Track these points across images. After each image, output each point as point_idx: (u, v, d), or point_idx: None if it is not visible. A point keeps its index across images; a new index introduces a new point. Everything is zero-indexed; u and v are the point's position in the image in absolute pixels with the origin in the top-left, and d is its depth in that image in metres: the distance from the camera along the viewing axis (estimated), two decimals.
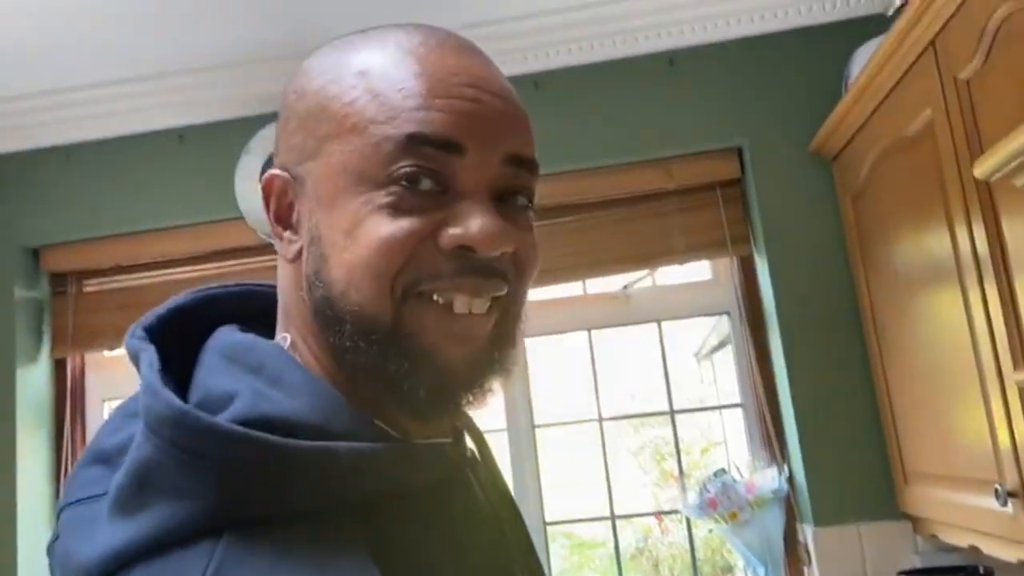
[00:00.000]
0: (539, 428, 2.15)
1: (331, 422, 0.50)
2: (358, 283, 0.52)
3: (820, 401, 1.82)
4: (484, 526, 0.62)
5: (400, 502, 0.52)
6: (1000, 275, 1.19)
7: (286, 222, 0.57)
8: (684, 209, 2.06)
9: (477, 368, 0.55)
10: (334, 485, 0.48)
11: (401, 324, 0.52)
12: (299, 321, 0.57)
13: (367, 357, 0.53)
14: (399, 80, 0.53)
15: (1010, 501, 1.20)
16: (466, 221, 0.52)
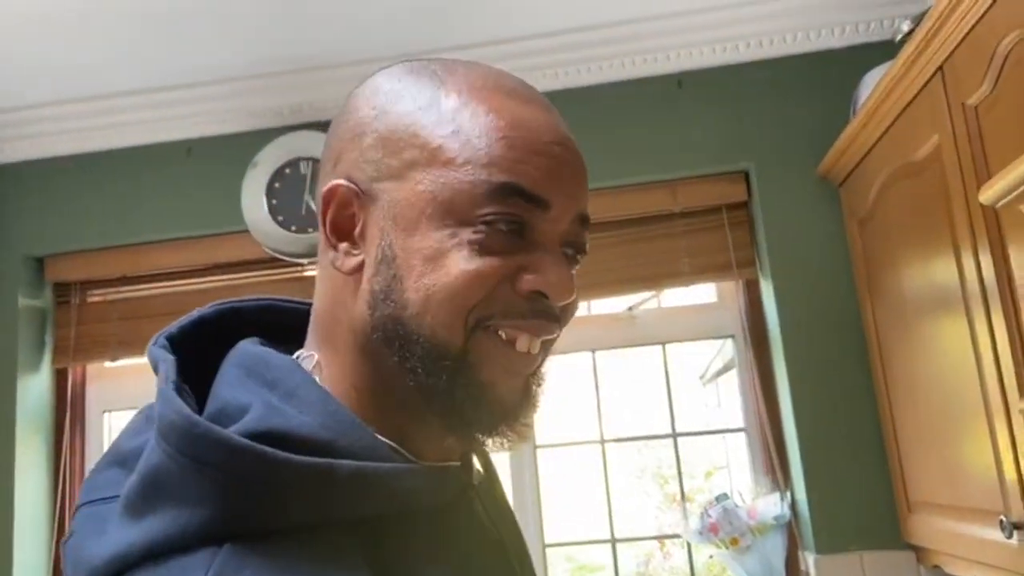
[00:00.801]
0: (541, 448, 2.14)
1: (340, 440, 0.51)
2: (436, 309, 0.54)
3: (824, 427, 1.81)
4: (487, 549, 0.62)
5: (405, 522, 0.53)
6: (1007, 304, 1.18)
7: (345, 234, 0.59)
8: (690, 231, 2.05)
9: (524, 402, 0.59)
10: (335, 502, 0.49)
11: (467, 353, 0.55)
12: (339, 335, 0.59)
13: (433, 380, 0.55)
14: (499, 128, 0.56)
15: (1015, 533, 1.18)
16: (544, 270, 0.56)
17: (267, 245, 2.05)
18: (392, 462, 0.53)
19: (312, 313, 0.62)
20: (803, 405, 1.83)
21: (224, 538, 0.46)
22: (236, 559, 0.45)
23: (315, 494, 0.48)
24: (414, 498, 0.54)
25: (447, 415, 0.57)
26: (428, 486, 0.55)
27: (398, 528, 0.52)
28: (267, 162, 2.08)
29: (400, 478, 0.53)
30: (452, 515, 0.59)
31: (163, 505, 0.48)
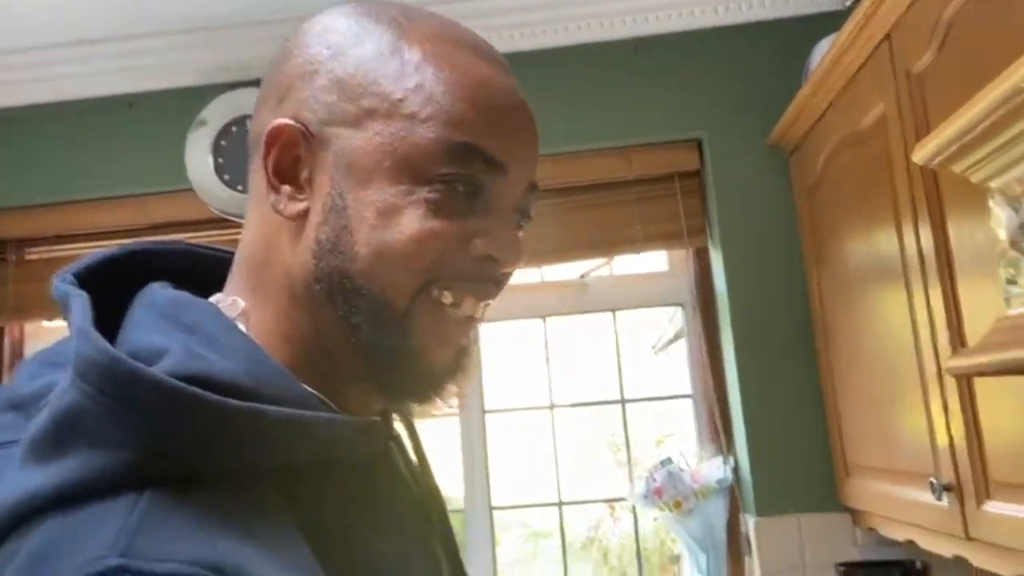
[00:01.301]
0: (490, 414, 2.14)
1: (266, 388, 0.50)
2: (387, 266, 0.53)
3: (767, 394, 1.83)
4: (407, 504, 0.62)
5: (327, 473, 0.52)
6: (943, 274, 1.20)
7: (288, 176, 0.56)
8: (643, 199, 2.05)
9: (456, 369, 0.58)
10: (264, 449, 0.48)
11: (409, 316, 0.54)
12: (272, 282, 0.57)
13: (377, 339, 0.54)
14: (463, 86, 0.54)
15: (945, 495, 1.21)
16: (498, 235, 0.56)
17: (213, 205, 2.00)
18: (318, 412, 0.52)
19: (239, 257, 0.59)
20: (747, 372, 1.85)
21: (146, 483, 0.44)
22: (160, 506, 0.44)
23: (244, 440, 0.47)
24: (342, 449, 0.53)
25: (382, 375, 0.56)
26: (356, 438, 0.55)
27: (321, 480, 0.51)
28: (213, 120, 2.02)
29: (330, 428, 0.52)
30: (374, 470, 0.58)
31: (77, 448, 0.45)
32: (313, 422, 0.50)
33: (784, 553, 1.75)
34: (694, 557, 1.88)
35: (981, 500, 1.13)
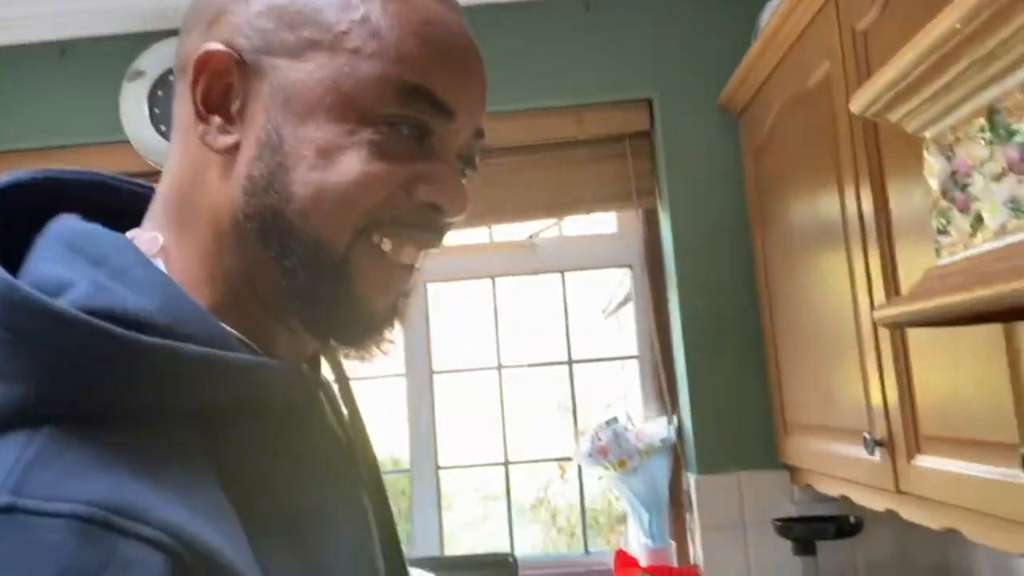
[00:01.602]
0: (438, 374, 2.13)
1: (181, 326, 0.47)
2: (325, 209, 0.51)
3: (711, 355, 1.85)
4: (333, 453, 0.60)
5: (249, 419, 0.50)
6: (882, 236, 1.21)
7: (218, 107, 0.53)
8: (593, 159, 2.04)
9: (392, 317, 0.56)
10: (178, 389, 0.46)
11: (347, 262, 0.52)
12: (197, 218, 0.54)
13: (311, 284, 0.52)
14: (412, 23, 0.52)
15: (877, 450, 1.24)
16: (442, 182, 0.54)
17: (150, 158, 1.93)
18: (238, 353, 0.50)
19: (160, 191, 0.56)
20: (692, 333, 1.87)
21: (45, 419, 0.42)
22: (57, 443, 0.41)
23: (157, 379, 0.45)
24: (264, 394, 0.51)
25: (315, 321, 0.54)
26: (278, 383, 0.52)
27: (242, 425, 0.49)
28: (151, 69, 1.95)
29: (249, 371, 0.49)
30: (300, 417, 0.56)
31: None
32: (233, 364, 0.48)
33: (724, 510, 1.78)
34: (637, 514, 1.91)
35: (911, 455, 1.16)
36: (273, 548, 0.46)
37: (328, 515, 0.54)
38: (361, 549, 0.56)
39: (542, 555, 2.74)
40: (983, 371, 0.94)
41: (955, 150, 0.64)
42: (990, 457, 0.94)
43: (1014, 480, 0.88)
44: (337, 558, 0.52)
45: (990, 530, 0.98)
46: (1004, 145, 0.57)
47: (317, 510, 0.53)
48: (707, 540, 1.79)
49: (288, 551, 0.47)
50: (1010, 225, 0.58)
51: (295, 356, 0.57)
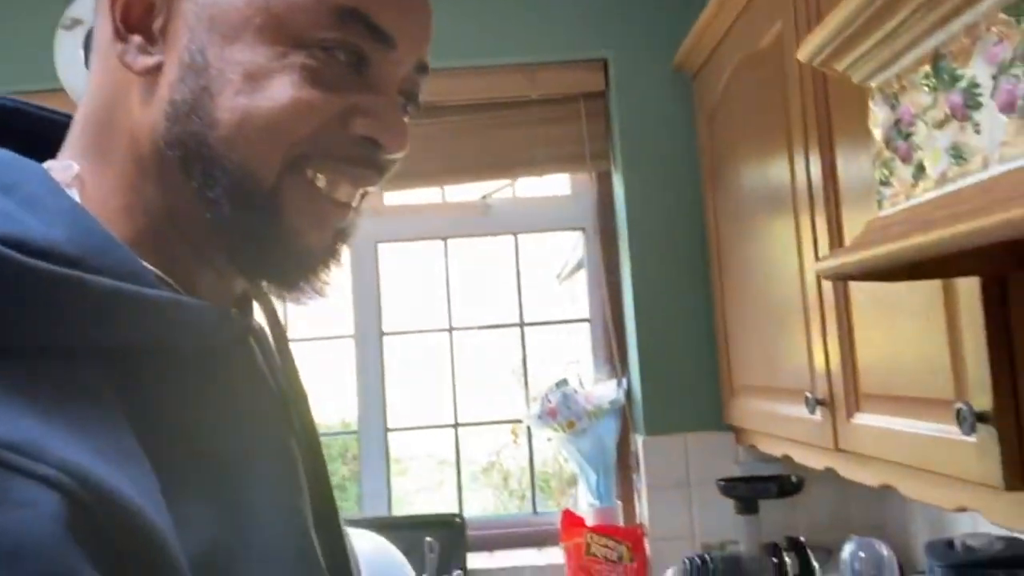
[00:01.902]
0: (388, 336, 2.11)
1: (93, 259, 0.44)
2: (253, 137, 0.48)
3: (661, 318, 1.86)
4: (263, 400, 0.57)
5: (166, 360, 0.47)
6: (829, 202, 1.22)
7: (139, 26, 0.49)
8: (547, 120, 2.02)
9: (327, 257, 0.54)
10: (84, 324, 0.43)
11: (278, 195, 0.49)
12: (115, 145, 0.50)
13: (237, 217, 0.49)
14: None
15: (819, 409, 1.26)
16: (381, 115, 0.51)
17: None
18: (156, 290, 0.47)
19: (78, 117, 0.52)
20: (643, 297, 1.87)
21: None
22: None
23: (61, 311, 0.42)
24: (180, 334, 0.48)
25: (243, 258, 0.51)
26: (199, 323, 0.49)
27: (158, 366, 0.46)
28: (86, 16, 1.86)
29: (165, 308, 0.46)
30: (225, 361, 0.53)
31: None
32: (147, 300, 0.45)
33: (670, 470, 1.80)
34: (585, 475, 1.92)
35: (851, 413, 1.17)
36: (189, 494, 0.44)
37: (252, 464, 0.51)
38: (286, 500, 0.54)
39: (490, 515, 2.76)
40: (922, 329, 0.95)
41: (899, 99, 0.64)
42: (926, 414, 0.95)
43: (948, 436, 0.89)
44: (259, 507, 0.49)
45: (924, 486, 1.00)
46: (948, 91, 0.57)
47: (239, 458, 0.50)
48: (653, 500, 1.81)
49: (205, 498, 0.45)
50: (951, 173, 0.57)
51: (221, 297, 0.55)
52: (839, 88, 1.17)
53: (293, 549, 0.50)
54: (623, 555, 1.79)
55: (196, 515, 0.43)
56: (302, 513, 0.54)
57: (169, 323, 0.47)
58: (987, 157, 0.54)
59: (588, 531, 1.82)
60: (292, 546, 0.50)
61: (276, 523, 0.50)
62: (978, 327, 0.83)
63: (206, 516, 0.44)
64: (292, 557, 0.50)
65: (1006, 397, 0.80)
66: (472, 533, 1.90)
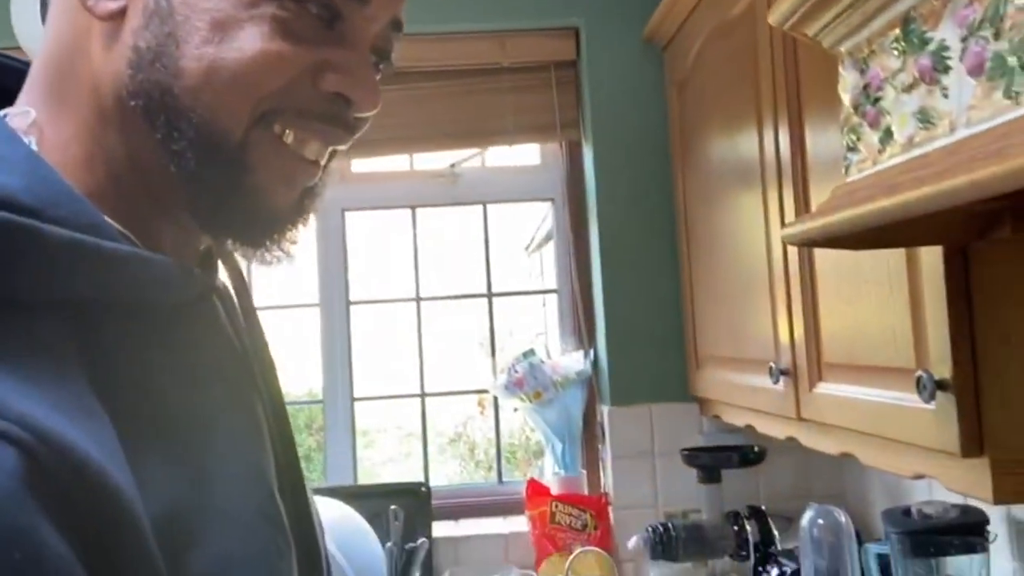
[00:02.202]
0: (354, 305, 2.09)
1: (50, 209, 0.42)
2: (220, 89, 0.47)
3: (629, 290, 1.86)
4: (227, 362, 0.56)
5: (127, 316, 0.46)
6: (797, 176, 1.22)
7: None
8: (517, 88, 1.99)
9: (295, 217, 0.53)
10: (40, 276, 0.41)
11: (245, 150, 0.48)
12: (75, 92, 0.48)
13: (203, 172, 0.48)
14: None
15: (782, 379, 1.27)
16: (353, 72, 0.50)
17: None
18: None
19: (37, 64, 0.50)
20: (611, 268, 1.87)
21: None
22: None
23: (14, 262, 0.40)
24: (141, 289, 0.47)
25: (207, 214, 0.50)
26: (161, 278, 0.48)
27: (119, 322, 0.45)
28: None
29: (125, 262, 0.45)
30: (187, 319, 0.52)
31: None
32: (106, 253, 0.44)
33: (635, 440, 1.82)
34: (550, 445, 1.93)
35: (814, 382, 1.19)
36: (150, 453, 0.43)
37: (215, 423, 0.50)
38: (251, 460, 0.52)
39: (456, 484, 2.77)
40: (885, 300, 0.96)
41: (869, 63, 0.63)
42: (887, 382, 0.97)
43: (908, 404, 0.90)
44: (223, 467, 0.48)
45: (883, 454, 1.02)
46: (917, 55, 0.56)
47: (203, 417, 0.49)
48: (617, 469, 1.82)
49: (168, 457, 0.44)
50: (918, 137, 0.57)
51: (184, 254, 0.53)
52: (809, 60, 1.16)
53: (257, 510, 0.49)
54: (587, 523, 1.81)
55: (158, 474, 0.42)
56: (267, 475, 0.53)
57: (129, 278, 0.46)
58: (954, 121, 0.53)
59: (553, 500, 1.84)
60: (256, 507, 0.49)
61: (240, 484, 0.49)
62: (940, 297, 0.84)
63: (168, 475, 0.43)
64: (256, 518, 0.49)
65: (965, 365, 0.81)
66: (437, 502, 1.90)
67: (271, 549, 0.48)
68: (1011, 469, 0.81)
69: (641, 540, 1.63)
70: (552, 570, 1.71)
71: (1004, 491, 0.81)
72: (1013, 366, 0.80)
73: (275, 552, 0.49)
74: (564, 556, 1.75)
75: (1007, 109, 0.48)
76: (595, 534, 1.81)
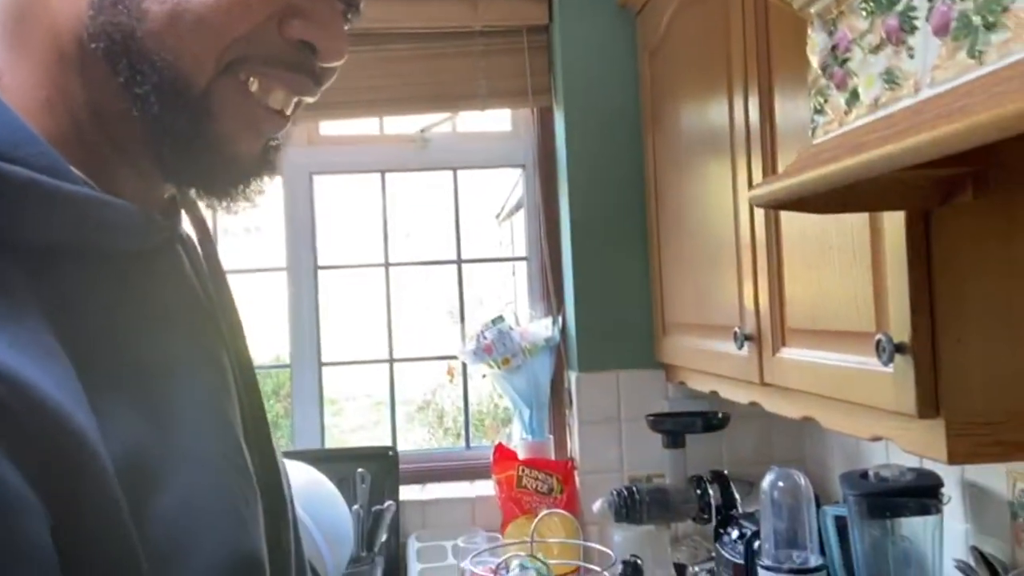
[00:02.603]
0: (322, 270, 2.07)
1: (8, 150, 0.41)
2: (184, 33, 0.46)
3: (598, 257, 1.87)
4: (191, 310, 0.56)
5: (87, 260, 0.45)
6: (766, 146, 1.22)
7: None
8: (489, 52, 1.97)
9: (261, 167, 0.53)
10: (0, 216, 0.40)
11: (210, 98, 0.48)
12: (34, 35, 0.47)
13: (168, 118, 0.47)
14: None
15: (746, 344, 1.28)
16: (319, 20, 0.49)
17: None
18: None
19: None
20: (580, 235, 1.87)
21: None
22: None
23: None
24: (102, 234, 0.46)
25: (171, 161, 0.49)
26: (122, 224, 0.47)
27: (79, 267, 0.44)
28: None
29: (86, 205, 0.44)
30: (151, 266, 0.52)
31: None
32: (65, 195, 0.43)
33: (602, 406, 1.84)
34: (518, 411, 1.94)
35: (777, 348, 1.20)
36: (113, 396, 0.42)
37: (180, 371, 0.50)
38: (217, 409, 0.52)
39: (423, 449, 2.78)
40: (848, 265, 0.98)
41: (837, 24, 0.63)
42: (848, 346, 0.98)
43: (868, 367, 0.92)
44: (189, 414, 0.48)
45: (843, 417, 1.04)
46: (884, 15, 0.57)
47: (167, 364, 0.49)
48: (584, 434, 1.84)
49: (131, 401, 0.44)
50: (883, 98, 0.58)
51: (147, 201, 0.53)
52: (780, 28, 1.16)
53: (223, 457, 0.49)
54: (553, 487, 1.83)
55: (121, 417, 0.42)
56: (233, 425, 0.53)
57: (90, 221, 0.45)
58: (918, 81, 0.54)
59: (520, 464, 1.85)
60: (222, 454, 0.49)
61: (206, 431, 0.49)
62: (901, 262, 0.85)
63: (132, 419, 0.43)
64: (222, 464, 0.49)
65: (924, 329, 0.83)
66: (405, 467, 1.91)
67: (237, 495, 0.48)
68: (965, 431, 0.83)
69: (606, 503, 1.65)
70: (518, 532, 1.73)
71: (958, 452, 0.83)
72: (970, 330, 0.82)
73: (241, 499, 0.49)
74: (530, 519, 1.76)
75: (970, 68, 0.48)
76: (561, 498, 1.83)
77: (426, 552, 1.79)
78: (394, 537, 1.78)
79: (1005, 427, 0.82)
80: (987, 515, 1.23)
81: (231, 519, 0.47)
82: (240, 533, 0.47)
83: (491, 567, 1.36)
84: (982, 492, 1.24)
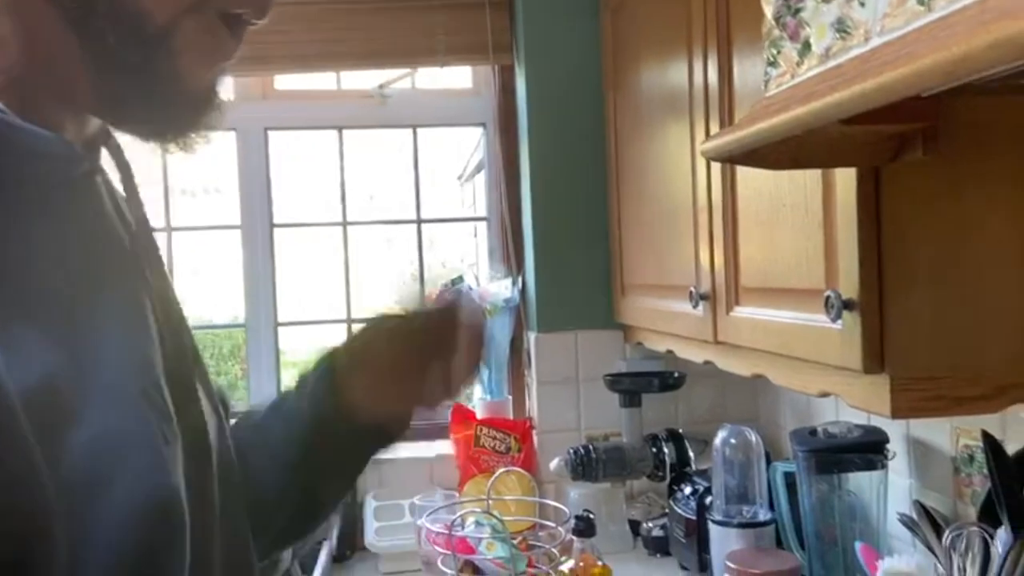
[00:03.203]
0: (278, 228, 2.03)
1: None
2: None
3: (558, 217, 1.86)
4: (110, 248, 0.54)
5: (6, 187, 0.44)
6: (724, 109, 1.22)
7: None
8: (449, 6, 1.93)
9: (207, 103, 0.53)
10: None
11: (171, 34, 0.47)
12: None
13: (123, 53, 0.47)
14: None
15: (702, 303, 1.29)
16: None
17: None
18: None
19: None
20: (540, 195, 1.86)
21: None
22: None
23: None
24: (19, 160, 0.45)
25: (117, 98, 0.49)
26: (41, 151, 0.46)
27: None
28: None
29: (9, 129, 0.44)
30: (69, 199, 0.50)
31: None
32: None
33: (560, 366, 1.84)
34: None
35: (731, 306, 1.21)
36: (24, 326, 0.41)
37: (97, 305, 0.49)
38: (135, 346, 0.51)
39: None
40: (800, 222, 0.98)
41: None
42: (798, 304, 0.99)
43: (816, 324, 0.93)
44: (105, 348, 0.47)
45: (792, 373, 1.05)
46: None
47: (83, 297, 0.48)
48: (542, 394, 1.85)
49: (44, 332, 0.43)
50: (834, 48, 0.57)
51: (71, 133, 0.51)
52: None
53: (141, 393, 0.48)
54: (511, 446, 1.84)
55: (33, 348, 0.41)
56: (153, 363, 0.51)
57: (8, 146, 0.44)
58: (868, 30, 0.53)
59: (478, 424, 1.86)
60: (140, 391, 0.48)
61: (124, 366, 0.48)
62: (851, 218, 0.85)
63: (44, 350, 0.42)
64: (140, 400, 0.48)
65: (871, 285, 0.84)
66: None
67: (155, 432, 0.47)
68: (908, 385, 0.84)
69: (562, 462, 1.67)
70: (475, 490, 1.74)
71: (901, 406, 0.84)
72: (917, 286, 0.83)
73: (159, 436, 0.48)
74: (487, 477, 1.77)
75: (919, 15, 0.48)
76: (519, 457, 1.84)
77: (383, 510, 1.79)
78: (351, 496, 1.77)
79: (947, 382, 0.84)
80: (931, 470, 1.26)
81: (149, 455, 0.46)
82: (158, 471, 0.46)
83: (447, 524, 1.37)
84: (926, 448, 1.27)
